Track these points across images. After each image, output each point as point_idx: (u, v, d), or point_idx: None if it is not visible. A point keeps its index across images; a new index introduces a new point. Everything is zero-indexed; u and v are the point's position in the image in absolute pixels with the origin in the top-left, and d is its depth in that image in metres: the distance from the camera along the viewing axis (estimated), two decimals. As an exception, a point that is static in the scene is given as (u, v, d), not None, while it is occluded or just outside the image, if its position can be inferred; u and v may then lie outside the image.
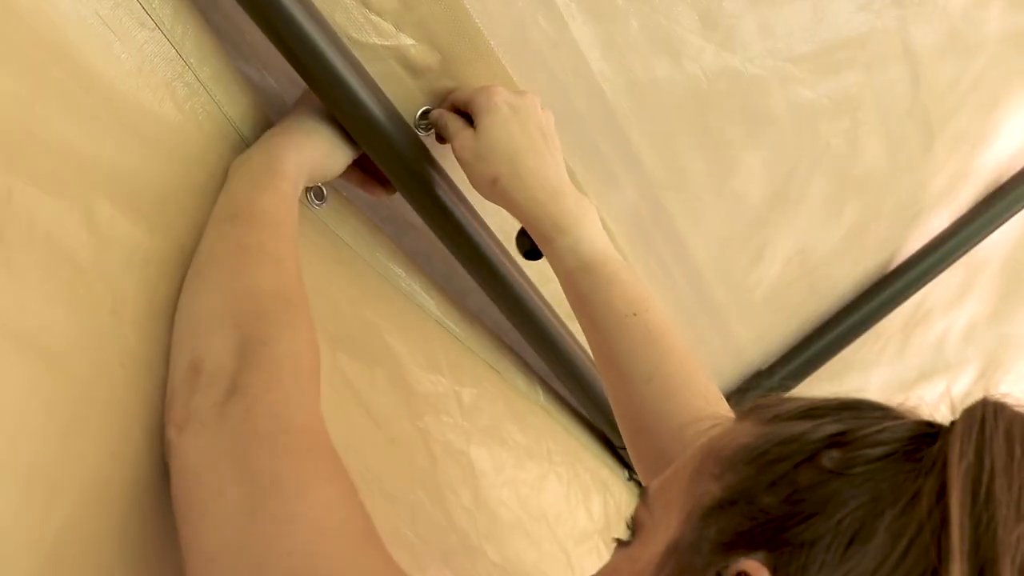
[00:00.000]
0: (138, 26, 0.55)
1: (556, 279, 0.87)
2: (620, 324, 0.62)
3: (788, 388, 1.20)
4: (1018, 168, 1.25)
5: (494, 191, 0.65)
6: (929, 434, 0.42)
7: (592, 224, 0.66)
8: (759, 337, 1.17)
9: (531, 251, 0.72)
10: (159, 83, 0.56)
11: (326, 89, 0.62)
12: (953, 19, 0.93)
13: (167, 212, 0.56)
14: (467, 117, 0.67)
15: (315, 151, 0.64)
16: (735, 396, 1.19)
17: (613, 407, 0.65)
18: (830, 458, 0.41)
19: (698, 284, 1.01)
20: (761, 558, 0.40)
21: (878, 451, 0.41)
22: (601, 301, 0.63)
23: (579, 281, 0.64)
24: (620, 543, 0.49)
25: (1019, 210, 1.27)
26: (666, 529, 0.45)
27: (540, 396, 0.99)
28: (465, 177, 0.67)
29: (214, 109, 0.61)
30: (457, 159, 0.66)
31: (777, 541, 0.40)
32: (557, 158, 0.67)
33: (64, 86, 0.50)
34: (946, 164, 1.13)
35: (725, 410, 0.61)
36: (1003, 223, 1.26)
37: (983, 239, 1.26)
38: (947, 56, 0.97)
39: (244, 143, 0.64)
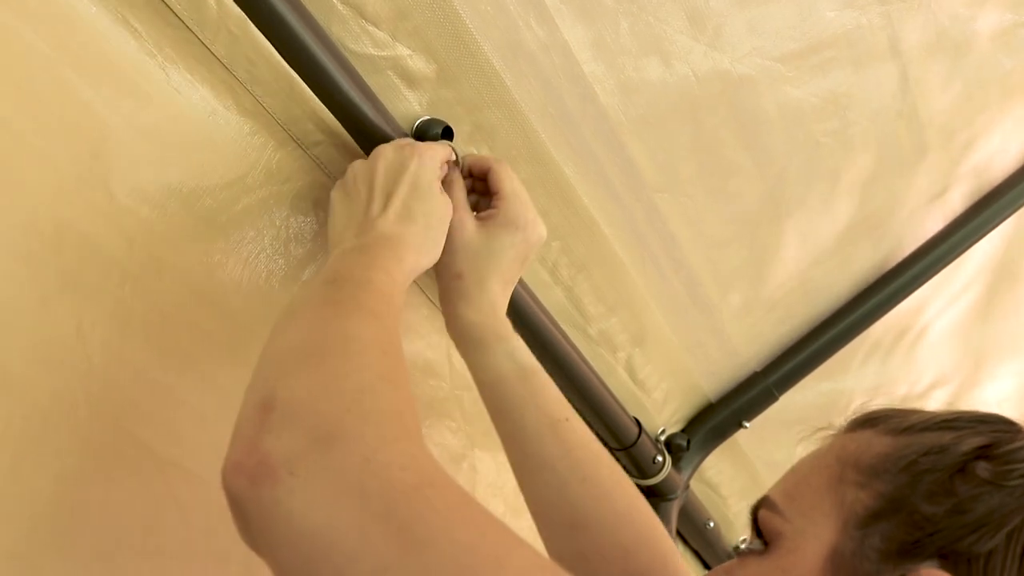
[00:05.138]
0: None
1: (556, 286, 0.89)
2: (555, 428, 0.65)
3: (785, 389, 1.20)
4: (1012, 170, 1.26)
5: (451, 284, 0.67)
6: None
7: (521, 341, 0.69)
8: (754, 338, 1.17)
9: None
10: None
11: (328, 100, 0.64)
12: (939, 17, 0.94)
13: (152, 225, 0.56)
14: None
15: (426, 256, 0.62)
16: (733, 396, 1.20)
17: (540, 509, 0.66)
18: (984, 469, 0.46)
19: (692, 285, 1.02)
20: (936, 565, 0.44)
21: None
22: (536, 406, 0.66)
23: (515, 385, 0.66)
24: (748, 552, 0.51)
25: (1013, 212, 1.27)
26: (816, 537, 0.48)
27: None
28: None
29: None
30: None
31: (951, 551, 0.44)
32: (515, 283, 0.71)
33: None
34: (938, 165, 1.14)
35: (648, 506, 0.67)
36: (997, 225, 1.27)
37: (977, 241, 1.26)
38: (935, 55, 0.98)
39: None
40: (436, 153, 0.64)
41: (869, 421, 0.53)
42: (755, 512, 0.52)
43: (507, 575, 0.35)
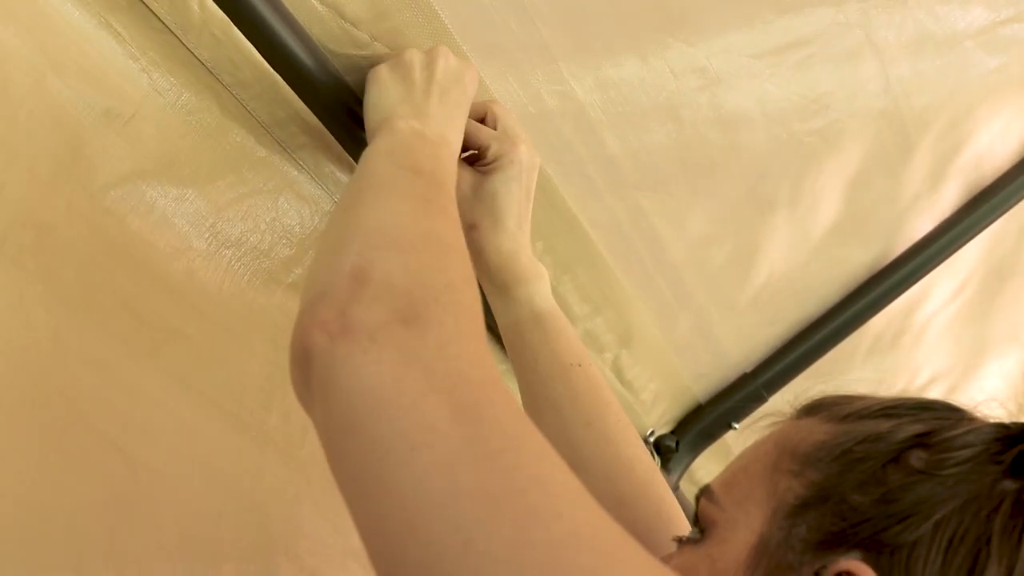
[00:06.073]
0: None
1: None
2: (565, 373, 0.67)
3: (774, 390, 1.21)
4: (1003, 169, 1.26)
5: (469, 236, 0.67)
6: (1008, 436, 0.45)
7: (545, 283, 0.70)
8: (743, 339, 1.17)
9: None
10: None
11: (312, 102, 0.64)
12: (916, 14, 0.95)
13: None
14: None
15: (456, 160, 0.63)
16: (721, 398, 1.20)
17: None
18: (918, 458, 0.44)
19: (678, 286, 1.02)
20: (859, 557, 0.42)
21: (966, 453, 0.44)
22: (549, 350, 0.68)
23: (529, 330, 0.68)
24: (687, 541, 0.50)
25: (1003, 213, 1.28)
26: (747, 527, 0.46)
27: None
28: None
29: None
30: None
31: (874, 541, 0.42)
32: (530, 216, 0.71)
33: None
34: (926, 164, 1.14)
35: (653, 463, 0.67)
36: (988, 226, 1.27)
37: (968, 241, 1.26)
38: (915, 53, 0.98)
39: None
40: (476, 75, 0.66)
41: (813, 408, 0.51)
42: (697, 500, 0.51)
43: (545, 465, 0.37)
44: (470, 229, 0.68)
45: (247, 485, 0.68)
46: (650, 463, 0.67)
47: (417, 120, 0.59)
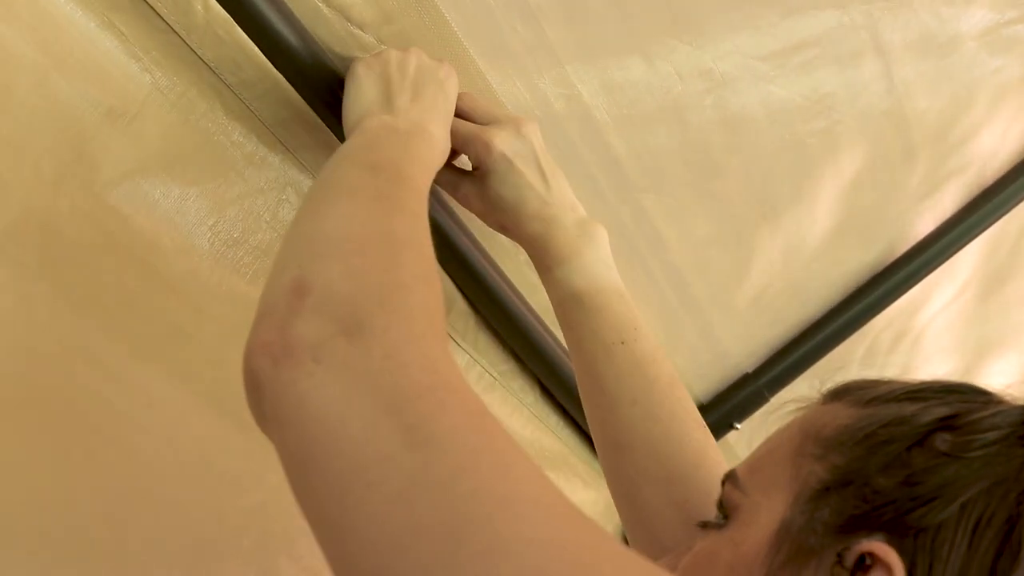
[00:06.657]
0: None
1: (543, 288, 0.89)
2: (607, 352, 0.65)
3: (776, 390, 1.21)
4: (1004, 170, 1.26)
5: (505, 234, 0.70)
6: None
7: (592, 253, 0.68)
8: (744, 340, 1.17)
9: None
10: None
11: (316, 104, 0.64)
12: (921, 16, 0.95)
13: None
14: None
15: (443, 156, 0.62)
16: (723, 398, 1.20)
17: (594, 429, 0.68)
18: (943, 440, 0.43)
19: (680, 287, 1.02)
20: (882, 539, 0.41)
21: (993, 435, 0.43)
22: (589, 330, 0.66)
23: (570, 309, 0.67)
24: (709, 525, 0.49)
25: (1004, 214, 1.28)
26: (769, 511, 0.46)
27: (534, 397, 1.00)
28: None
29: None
30: (464, 207, 0.70)
31: (898, 524, 0.42)
32: (559, 183, 0.69)
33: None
34: (927, 165, 1.14)
35: (708, 436, 0.66)
36: (989, 226, 1.27)
37: (969, 242, 1.26)
38: (920, 54, 0.99)
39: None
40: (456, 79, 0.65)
41: (839, 393, 0.50)
42: (722, 485, 0.50)
43: (508, 481, 0.35)
44: (502, 231, 0.69)
45: (249, 485, 0.68)
46: (703, 440, 0.65)
47: (392, 115, 0.59)
